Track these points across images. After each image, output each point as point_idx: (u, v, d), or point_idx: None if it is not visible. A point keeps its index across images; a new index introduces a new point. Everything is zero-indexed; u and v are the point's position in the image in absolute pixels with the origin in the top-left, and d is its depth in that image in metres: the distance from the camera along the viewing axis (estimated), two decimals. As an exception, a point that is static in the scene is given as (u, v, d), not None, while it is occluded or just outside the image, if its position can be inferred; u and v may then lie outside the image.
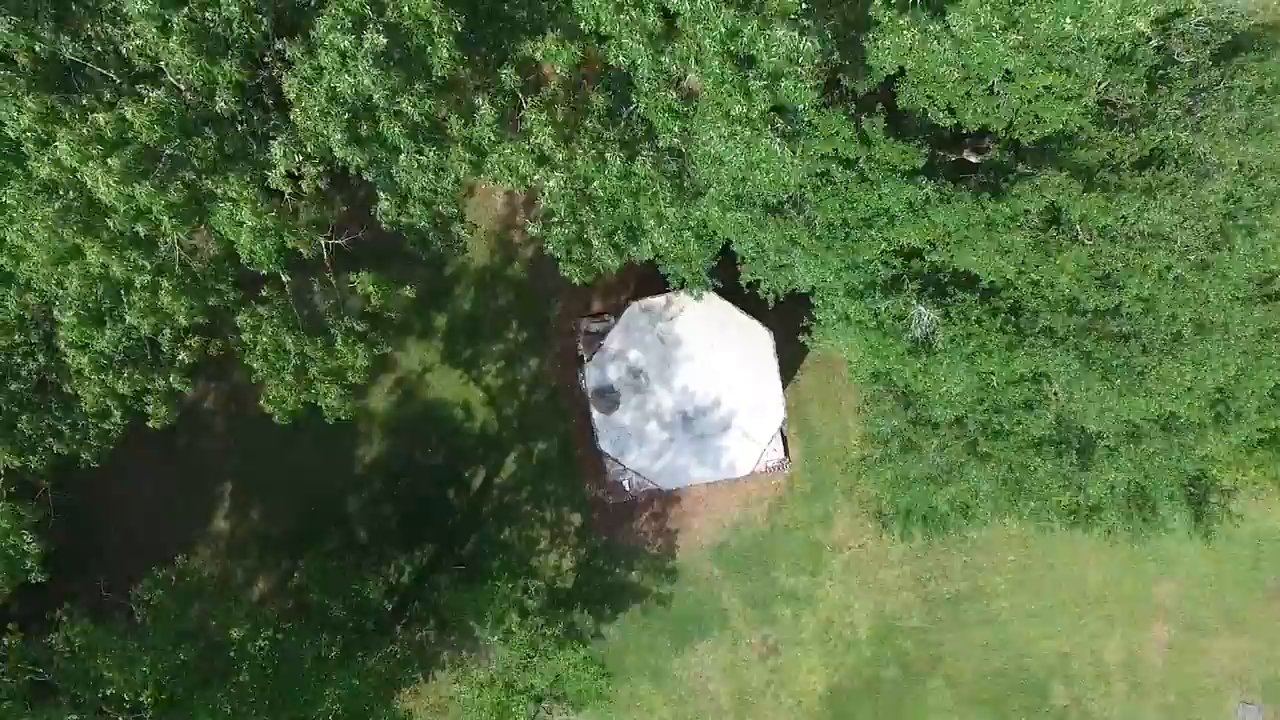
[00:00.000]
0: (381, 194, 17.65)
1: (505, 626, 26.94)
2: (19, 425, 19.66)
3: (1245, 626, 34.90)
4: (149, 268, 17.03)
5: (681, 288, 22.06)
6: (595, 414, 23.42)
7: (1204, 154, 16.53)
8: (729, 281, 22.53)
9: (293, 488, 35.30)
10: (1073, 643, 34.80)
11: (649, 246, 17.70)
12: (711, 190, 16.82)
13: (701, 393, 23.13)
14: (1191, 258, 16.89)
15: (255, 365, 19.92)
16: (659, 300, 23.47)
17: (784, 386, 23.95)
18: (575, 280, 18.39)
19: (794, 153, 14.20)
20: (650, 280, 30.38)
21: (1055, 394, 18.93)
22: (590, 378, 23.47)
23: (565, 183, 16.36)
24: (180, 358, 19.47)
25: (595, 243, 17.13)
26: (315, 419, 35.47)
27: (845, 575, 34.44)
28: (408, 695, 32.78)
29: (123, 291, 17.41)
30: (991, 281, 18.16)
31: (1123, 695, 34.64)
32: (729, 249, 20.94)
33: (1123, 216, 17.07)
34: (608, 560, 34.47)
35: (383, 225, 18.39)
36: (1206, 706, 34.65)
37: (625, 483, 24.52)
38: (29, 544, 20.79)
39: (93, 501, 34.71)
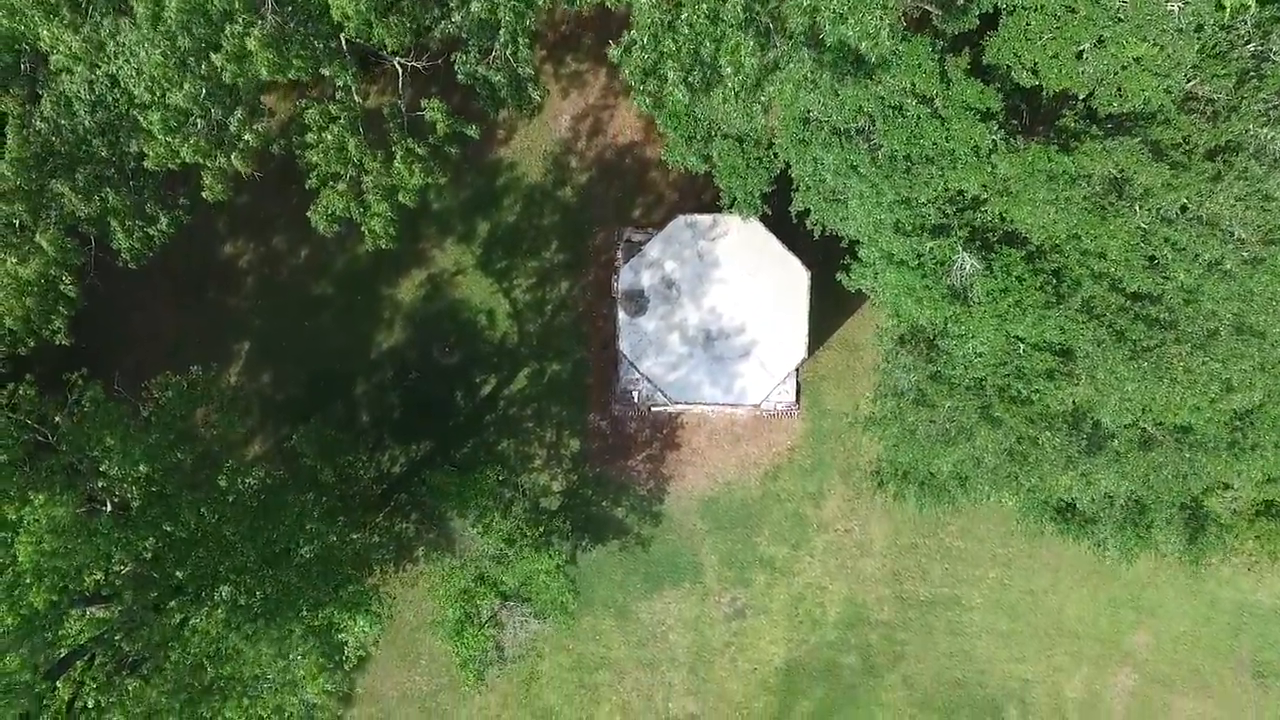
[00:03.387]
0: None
1: (487, 520, 27.17)
2: (79, 172, 19.94)
3: (1212, 692, 34.63)
4: (244, 12, 17.07)
5: (731, 206, 22.22)
6: (620, 315, 23.57)
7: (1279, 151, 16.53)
8: (778, 212, 22.66)
9: (306, 359, 35.78)
10: (1036, 671, 34.65)
11: (720, 96, 17.76)
12: (790, 67, 16.92)
13: (728, 316, 23.21)
14: (1245, 253, 16.87)
15: (315, 159, 19.92)
16: (705, 218, 23.63)
17: (810, 338, 23.91)
18: (644, 108, 18.48)
19: (886, 5, 14.24)
20: (703, 209, 30.52)
21: (1078, 375, 18.89)
22: (623, 279, 23.64)
23: (654, 5, 16.41)
24: (246, 139, 19.78)
25: (670, 75, 17.24)
26: (340, 296, 36.02)
27: (825, 556, 34.45)
28: (376, 577, 33.09)
29: (212, 38, 17.37)
30: (1040, 244, 18.19)
31: (1075, 733, 34.43)
32: (785, 174, 21.06)
33: (1184, 204, 17.05)
34: (596, 491, 34.66)
35: (459, 76, 18.58)
36: (1156, 762, 34.40)
37: (635, 393, 24.64)
38: (67, 285, 21.16)
39: (112, 333, 35.35)
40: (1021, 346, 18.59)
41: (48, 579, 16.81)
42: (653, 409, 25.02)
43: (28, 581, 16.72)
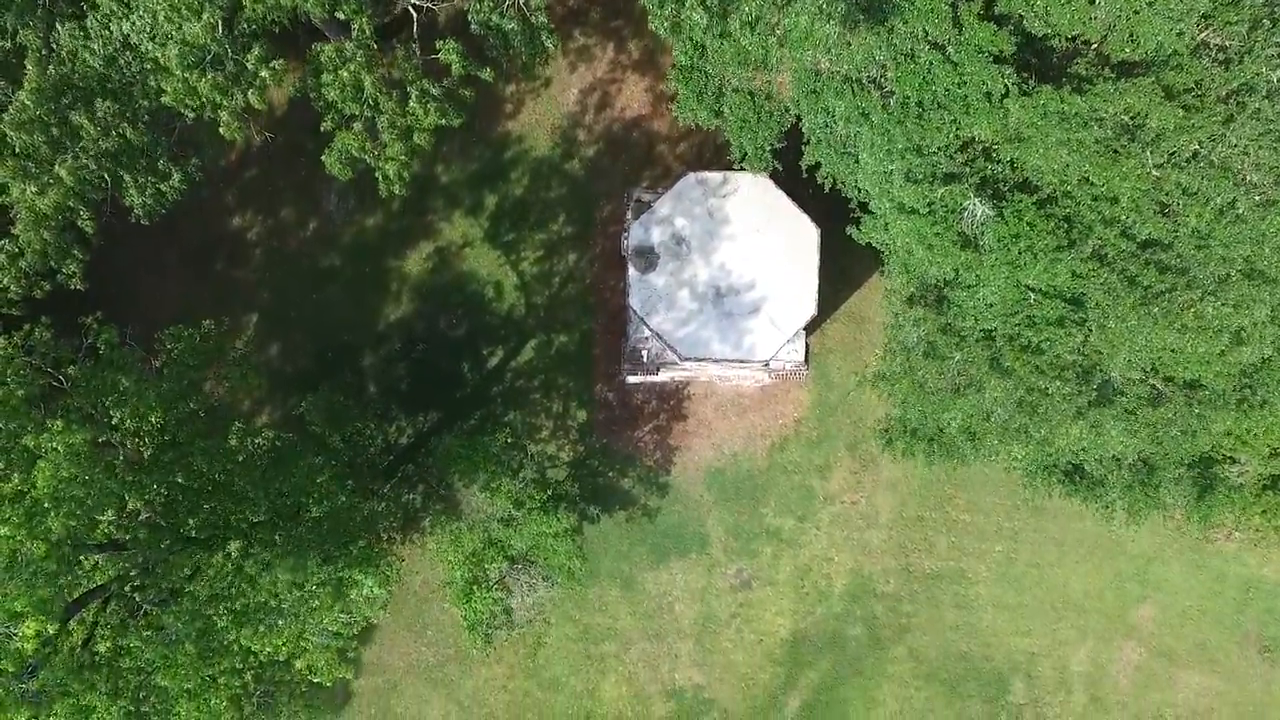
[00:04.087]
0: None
1: (495, 484, 27.22)
2: (98, 105, 19.97)
3: (1217, 666, 34.63)
4: None
5: (742, 161, 22.29)
6: (630, 271, 23.65)
7: (1292, 94, 16.60)
8: (790, 175, 22.75)
9: (313, 331, 35.86)
10: (1042, 644, 34.65)
11: (737, 23, 17.78)
12: (806, -1, 17.00)
13: (738, 272, 23.28)
14: (1257, 196, 16.94)
15: (331, 95, 19.85)
16: (716, 176, 23.74)
17: (820, 297, 23.92)
18: (661, 32, 18.54)
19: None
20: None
21: (1089, 326, 18.94)
22: (633, 235, 23.72)
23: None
24: (262, 75, 19.84)
25: (690, -4, 17.27)
26: (348, 268, 36.07)
27: (832, 527, 34.49)
28: (383, 545, 33.11)
29: None
30: (1051, 192, 18.26)
31: (1081, 706, 34.44)
32: (795, 133, 21.13)
33: (1196, 149, 17.12)
34: (603, 462, 34.72)
35: (472, 26, 18.65)
36: (1162, 735, 34.40)
37: (644, 352, 24.73)
38: (84, 220, 21.20)
39: (122, 304, 35.41)
40: (1032, 296, 18.67)
41: (65, 506, 16.88)
42: (661, 368, 25.11)
43: (46, 507, 16.78)
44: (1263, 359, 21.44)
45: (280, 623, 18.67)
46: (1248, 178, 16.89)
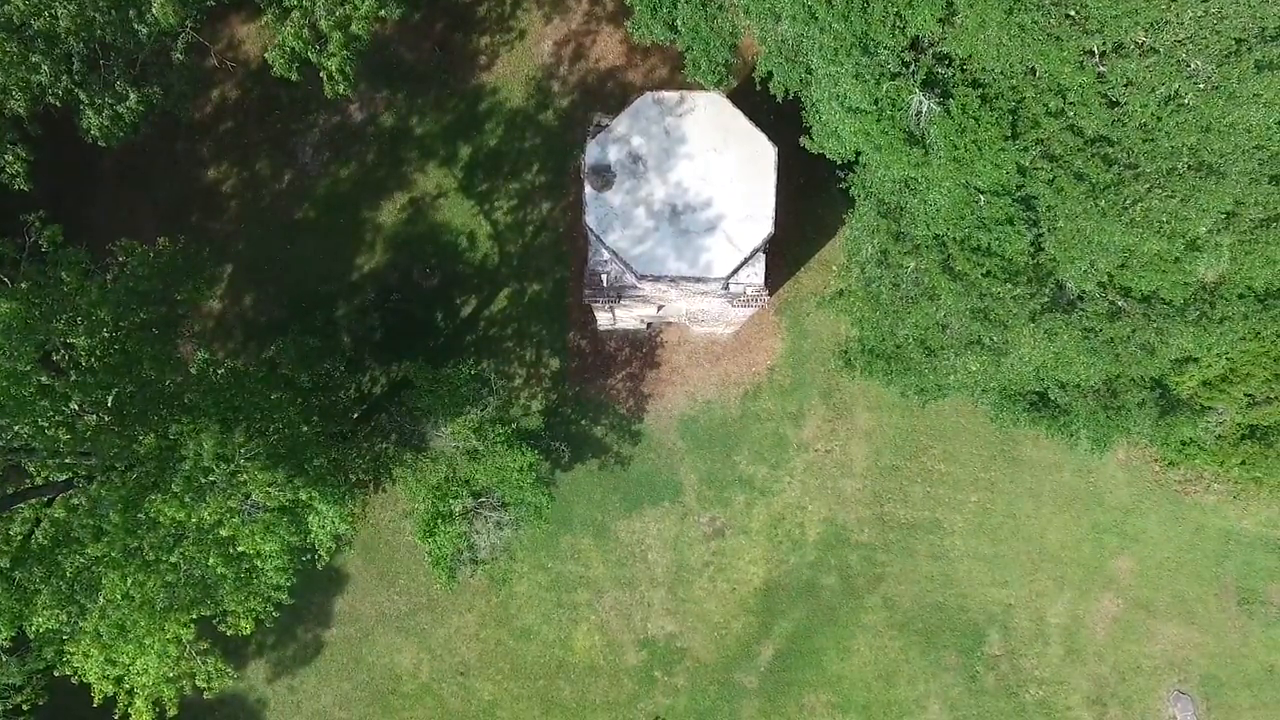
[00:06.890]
0: None
1: (459, 420, 27.08)
2: None
3: (1195, 618, 34.33)
4: None
5: (696, 73, 22.24)
6: (587, 189, 23.57)
7: (1233, -23, 16.44)
8: (752, 97, 22.67)
9: (289, 281, 35.85)
10: (1018, 596, 34.39)
11: None
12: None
13: (694, 191, 23.14)
14: (1201, 84, 16.80)
15: None
16: (673, 95, 23.69)
17: (777, 214, 23.76)
18: None
19: None
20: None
21: (1039, 230, 18.79)
22: (589, 154, 23.66)
23: None
24: None
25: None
26: (322, 219, 36.04)
27: (805, 476, 34.30)
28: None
29: None
30: (998, 89, 18.14)
31: (1057, 657, 34.15)
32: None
33: (1140, 40, 16.99)
34: (576, 410, 34.62)
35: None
36: (1139, 686, 34.07)
37: (604, 276, 24.64)
38: (17, 99, 20.91)
39: (96, 249, 35.45)
40: (982, 198, 18.55)
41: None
42: (621, 295, 25.00)
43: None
44: (1220, 277, 21.27)
45: (208, 497, 18.52)
46: (1191, 64, 16.76)
